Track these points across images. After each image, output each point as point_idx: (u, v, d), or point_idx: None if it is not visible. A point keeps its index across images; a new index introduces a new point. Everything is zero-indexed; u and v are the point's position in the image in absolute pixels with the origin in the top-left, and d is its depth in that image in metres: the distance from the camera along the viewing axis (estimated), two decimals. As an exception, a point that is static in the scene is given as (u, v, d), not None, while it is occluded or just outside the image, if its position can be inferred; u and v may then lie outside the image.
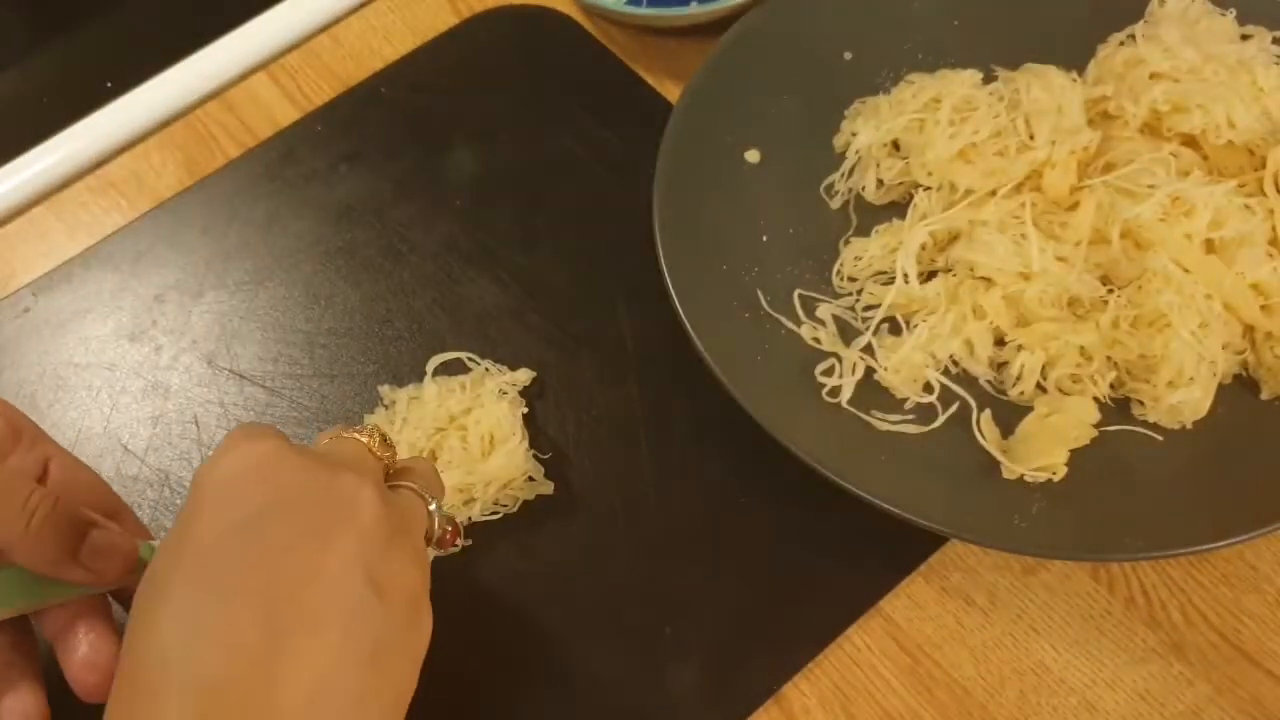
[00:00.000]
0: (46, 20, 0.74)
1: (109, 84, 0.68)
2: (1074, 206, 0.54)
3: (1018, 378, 0.53)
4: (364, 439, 0.40)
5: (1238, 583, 0.50)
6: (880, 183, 0.58)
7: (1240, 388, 0.50)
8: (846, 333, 0.55)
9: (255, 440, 0.37)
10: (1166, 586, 0.50)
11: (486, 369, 0.55)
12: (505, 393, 0.53)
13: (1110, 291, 0.53)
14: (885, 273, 0.56)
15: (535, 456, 0.53)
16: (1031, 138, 0.55)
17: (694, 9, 0.63)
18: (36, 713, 0.41)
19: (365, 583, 0.35)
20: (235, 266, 0.60)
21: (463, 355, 0.56)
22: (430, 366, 0.55)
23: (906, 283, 0.54)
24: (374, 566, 0.35)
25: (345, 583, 0.35)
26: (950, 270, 0.55)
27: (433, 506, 0.41)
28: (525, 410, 0.53)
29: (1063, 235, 0.54)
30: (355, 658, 0.34)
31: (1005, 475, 0.50)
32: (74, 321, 0.59)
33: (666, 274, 0.53)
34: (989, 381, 0.54)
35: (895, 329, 0.55)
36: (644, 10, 0.64)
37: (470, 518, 0.51)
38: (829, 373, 0.53)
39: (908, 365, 0.53)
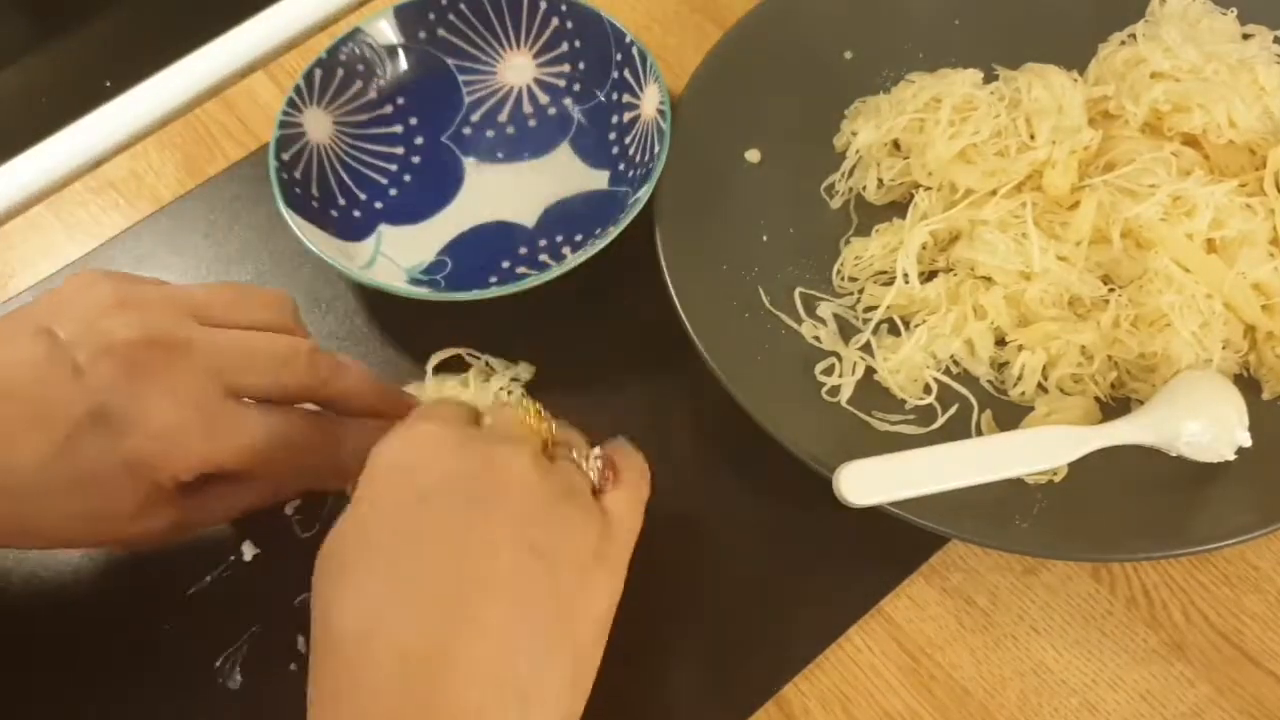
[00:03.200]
0: (46, 20, 0.74)
1: (109, 84, 0.68)
2: (1075, 206, 0.54)
3: (1019, 378, 0.53)
4: (519, 410, 0.43)
5: (1239, 583, 0.50)
6: (880, 182, 0.58)
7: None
8: (847, 332, 0.55)
9: (420, 422, 0.40)
10: (1168, 587, 0.50)
11: (486, 363, 0.55)
12: (511, 392, 0.53)
13: (1111, 291, 0.53)
14: (886, 273, 0.56)
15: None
16: (1032, 137, 0.55)
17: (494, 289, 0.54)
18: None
19: (527, 549, 0.37)
20: (236, 270, 0.60)
21: (461, 351, 0.56)
22: (430, 365, 0.55)
23: (907, 282, 0.54)
24: (534, 533, 0.38)
25: (508, 550, 0.37)
26: (951, 270, 0.55)
27: (584, 464, 0.42)
28: None
29: (1063, 235, 0.53)
30: (527, 622, 0.37)
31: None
32: (74, 322, 0.59)
33: (667, 274, 0.53)
34: (990, 381, 0.54)
35: (895, 330, 0.55)
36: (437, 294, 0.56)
37: None
38: (829, 372, 0.53)
39: (908, 365, 0.53)
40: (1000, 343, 0.54)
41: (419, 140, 0.63)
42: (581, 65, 0.62)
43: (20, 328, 0.41)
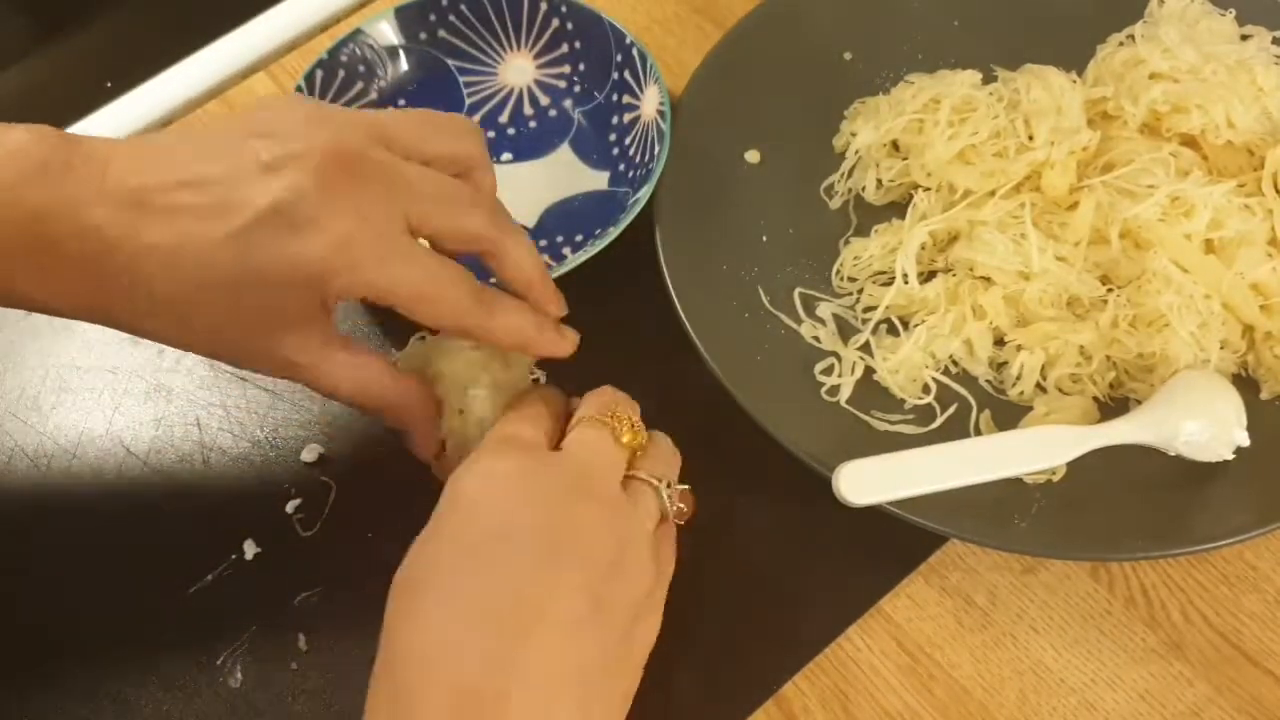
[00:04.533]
0: (46, 20, 0.74)
1: (109, 84, 0.68)
2: (1073, 206, 0.54)
3: (1017, 377, 0.53)
4: (610, 424, 0.44)
5: (1237, 582, 0.50)
6: (880, 183, 0.58)
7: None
8: (846, 332, 0.55)
9: (506, 456, 0.42)
10: (1166, 586, 0.50)
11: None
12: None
13: (1110, 291, 0.53)
14: (885, 273, 0.56)
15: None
16: (1031, 138, 0.55)
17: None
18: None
19: (589, 606, 0.39)
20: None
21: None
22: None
23: (906, 283, 0.54)
24: (597, 590, 0.39)
25: (571, 602, 0.39)
26: (950, 270, 0.55)
27: (665, 493, 0.44)
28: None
29: (1062, 235, 0.54)
30: (579, 670, 0.39)
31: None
32: (76, 324, 0.58)
33: (667, 274, 0.53)
34: (988, 381, 0.54)
35: (894, 330, 0.55)
36: None
37: None
38: (829, 371, 0.54)
39: (907, 365, 0.53)
40: (999, 343, 0.54)
41: (419, 141, 0.63)
42: (582, 66, 0.63)
43: (214, 131, 0.42)
